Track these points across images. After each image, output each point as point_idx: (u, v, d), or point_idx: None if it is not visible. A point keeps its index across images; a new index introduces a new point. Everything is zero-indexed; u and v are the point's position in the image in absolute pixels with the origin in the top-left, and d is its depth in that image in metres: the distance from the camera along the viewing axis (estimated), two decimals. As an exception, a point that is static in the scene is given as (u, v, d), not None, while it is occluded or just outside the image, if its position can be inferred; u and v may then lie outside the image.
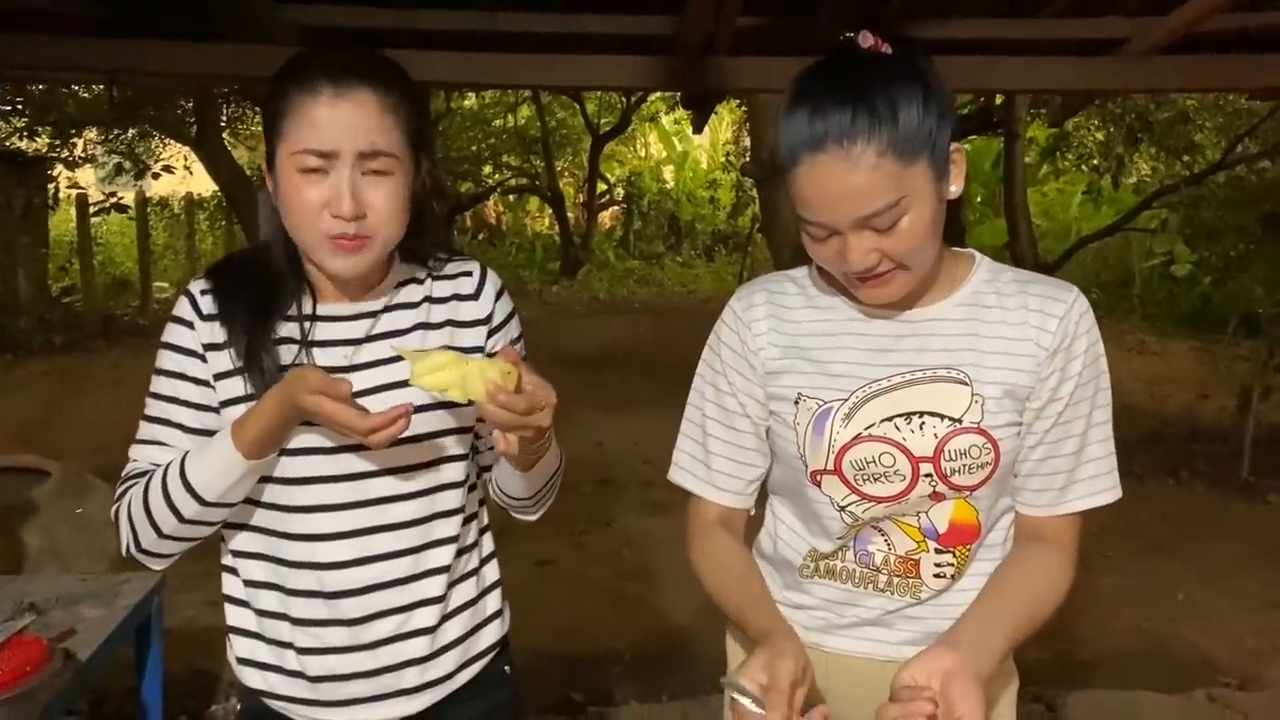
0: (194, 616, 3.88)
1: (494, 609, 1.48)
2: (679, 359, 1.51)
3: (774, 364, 1.32)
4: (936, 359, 1.27)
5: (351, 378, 1.26)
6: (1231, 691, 3.46)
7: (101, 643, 2.05)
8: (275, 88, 1.25)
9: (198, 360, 1.30)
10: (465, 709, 1.42)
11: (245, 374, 1.28)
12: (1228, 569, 4.65)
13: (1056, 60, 2.73)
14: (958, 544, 1.31)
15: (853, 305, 1.32)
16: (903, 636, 1.35)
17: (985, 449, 1.26)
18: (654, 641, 3.82)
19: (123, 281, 13.03)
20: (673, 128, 18.02)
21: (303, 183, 1.22)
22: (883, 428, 1.26)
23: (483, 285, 1.41)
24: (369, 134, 1.22)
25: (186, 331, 1.30)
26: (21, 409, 7.36)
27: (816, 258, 1.24)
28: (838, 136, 1.12)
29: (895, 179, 1.13)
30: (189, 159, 10.88)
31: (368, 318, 1.34)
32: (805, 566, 1.37)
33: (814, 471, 1.29)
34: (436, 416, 1.33)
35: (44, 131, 9.49)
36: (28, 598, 2.19)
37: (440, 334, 1.36)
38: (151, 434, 1.33)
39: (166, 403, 1.31)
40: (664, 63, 2.64)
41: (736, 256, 16.66)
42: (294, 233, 1.27)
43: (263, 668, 1.37)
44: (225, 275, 1.34)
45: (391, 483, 1.32)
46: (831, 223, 1.16)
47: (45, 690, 1.78)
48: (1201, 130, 10.06)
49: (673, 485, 1.44)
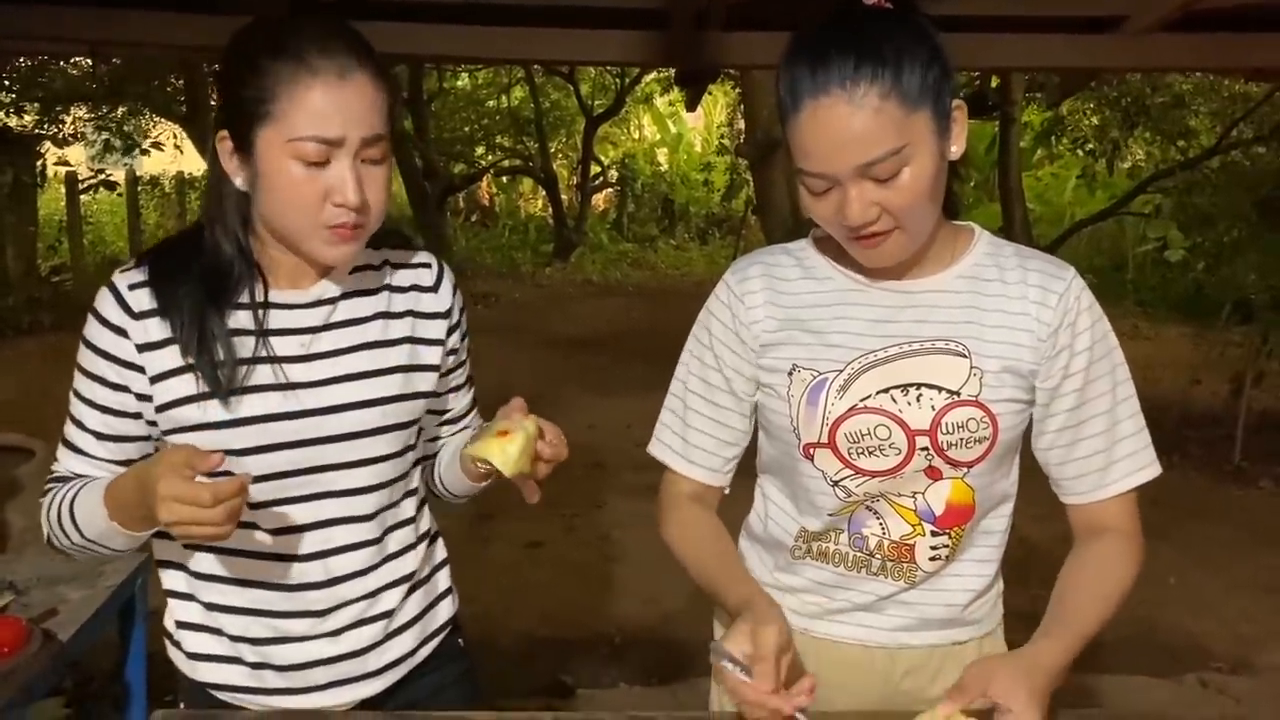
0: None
1: (445, 586, 1.47)
2: (672, 342, 1.49)
3: (769, 336, 1.30)
4: (935, 330, 1.25)
5: (308, 368, 1.24)
6: (1223, 676, 3.46)
7: (83, 623, 2.02)
8: (248, 61, 1.15)
9: (119, 366, 1.22)
10: (423, 683, 1.40)
11: (195, 370, 1.20)
12: (1220, 554, 4.65)
13: (1054, 38, 2.69)
14: (953, 525, 1.29)
15: (851, 276, 1.29)
16: (894, 623, 1.33)
17: (983, 423, 1.23)
18: (644, 624, 3.81)
19: (113, 261, 12.91)
20: (667, 110, 17.96)
21: (302, 173, 1.14)
22: (879, 399, 1.24)
23: (441, 278, 1.38)
24: (371, 118, 1.17)
25: (111, 336, 1.21)
26: (10, 388, 7.32)
27: (815, 215, 1.21)
28: (840, 80, 1.10)
29: (898, 126, 1.11)
30: (179, 137, 10.80)
31: (326, 304, 1.28)
32: (796, 547, 1.35)
33: (807, 445, 1.26)
34: (400, 408, 1.30)
35: (31, 108, 9.40)
36: (8, 577, 2.16)
37: (402, 323, 1.33)
38: (69, 436, 1.27)
39: (81, 404, 1.25)
40: (657, 37, 2.59)
41: (730, 239, 16.63)
42: (282, 220, 1.19)
43: (216, 660, 1.33)
44: (161, 265, 1.24)
45: (353, 475, 1.28)
46: (833, 172, 1.14)
47: (24, 671, 1.76)
48: (1197, 115, 10.05)
49: (660, 466, 1.42)
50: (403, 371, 1.30)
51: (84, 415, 1.25)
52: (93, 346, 1.22)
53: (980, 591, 1.35)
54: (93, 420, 1.25)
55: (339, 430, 1.25)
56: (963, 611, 1.34)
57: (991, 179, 12.51)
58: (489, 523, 4.51)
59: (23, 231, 10.62)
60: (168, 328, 1.21)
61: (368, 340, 1.29)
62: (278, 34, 1.16)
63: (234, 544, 1.26)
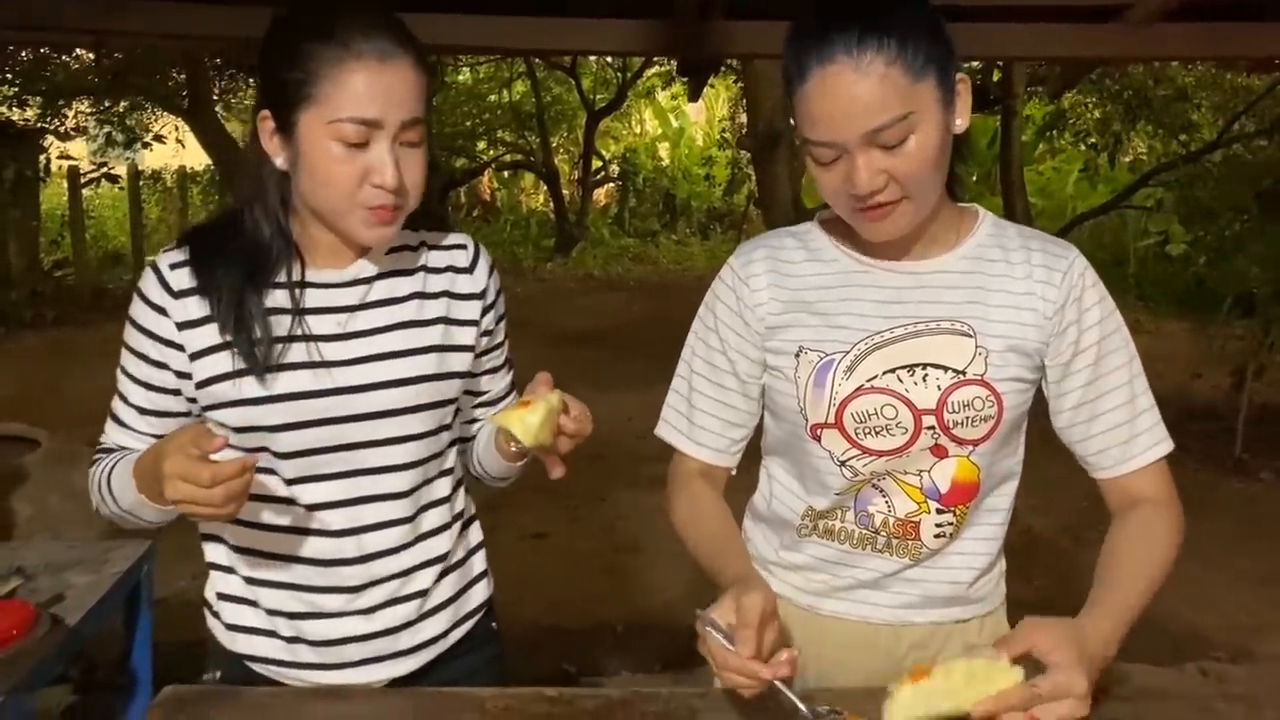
0: (185, 588, 3.87)
1: (480, 569, 1.48)
2: (673, 336, 1.50)
3: (775, 319, 1.30)
4: (940, 311, 1.26)
5: (343, 346, 1.26)
6: (1223, 665, 3.47)
7: (90, 608, 2.04)
8: (291, 44, 1.18)
9: (160, 344, 1.25)
10: (455, 666, 1.41)
11: (233, 348, 1.23)
12: (1221, 546, 4.66)
13: (1057, 27, 2.70)
14: (958, 503, 1.30)
15: (856, 258, 1.31)
16: (899, 600, 1.34)
17: (989, 401, 1.24)
18: (646, 613, 3.82)
19: (115, 255, 12.95)
20: (668, 104, 17.93)
21: (342, 153, 1.17)
22: (885, 379, 1.24)
23: (477, 259, 1.39)
24: (411, 101, 1.19)
25: (152, 314, 1.25)
26: (12, 382, 7.33)
27: (822, 188, 1.22)
28: (847, 47, 1.12)
29: (904, 92, 1.13)
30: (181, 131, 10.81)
31: (362, 284, 1.30)
32: (803, 526, 1.36)
33: (814, 425, 1.27)
34: (433, 388, 1.31)
35: (33, 102, 9.40)
36: (16, 563, 2.17)
37: (437, 304, 1.34)
38: (114, 409, 1.32)
39: (126, 380, 1.30)
40: (660, 26, 2.60)
41: (732, 234, 16.62)
42: (323, 205, 1.22)
43: (252, 632, 1.36)
44: (201, 246, 1.27)
45: (388, 453, 1.30)
46: (841, 139, 1.15)
47: (32, 654, 1.77)
48: (1199, 108, 10.04)
49: (666, 460, 1.43)
50: (436, 351, 1.32)
51: (128, 391, 1.30)
52: (136, 324, 1.26)
53: (984, 569, 1.36)
54: (136, 395, 1.29)
55: (372, 408, 1.27)
56: (967, 589, 1.35)
57: (993, 173, 12.50)
58: (493, 513, 4.52)
59: (25, 226, 10.62)
60: (207, 306, 1.24)
61: (402, 320, 1.31)
62: (321, 18, 1.18)
63: (270, 519, 1.29)
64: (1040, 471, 1.39)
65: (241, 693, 1.30)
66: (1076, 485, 5.41)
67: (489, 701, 1.25)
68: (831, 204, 1.24)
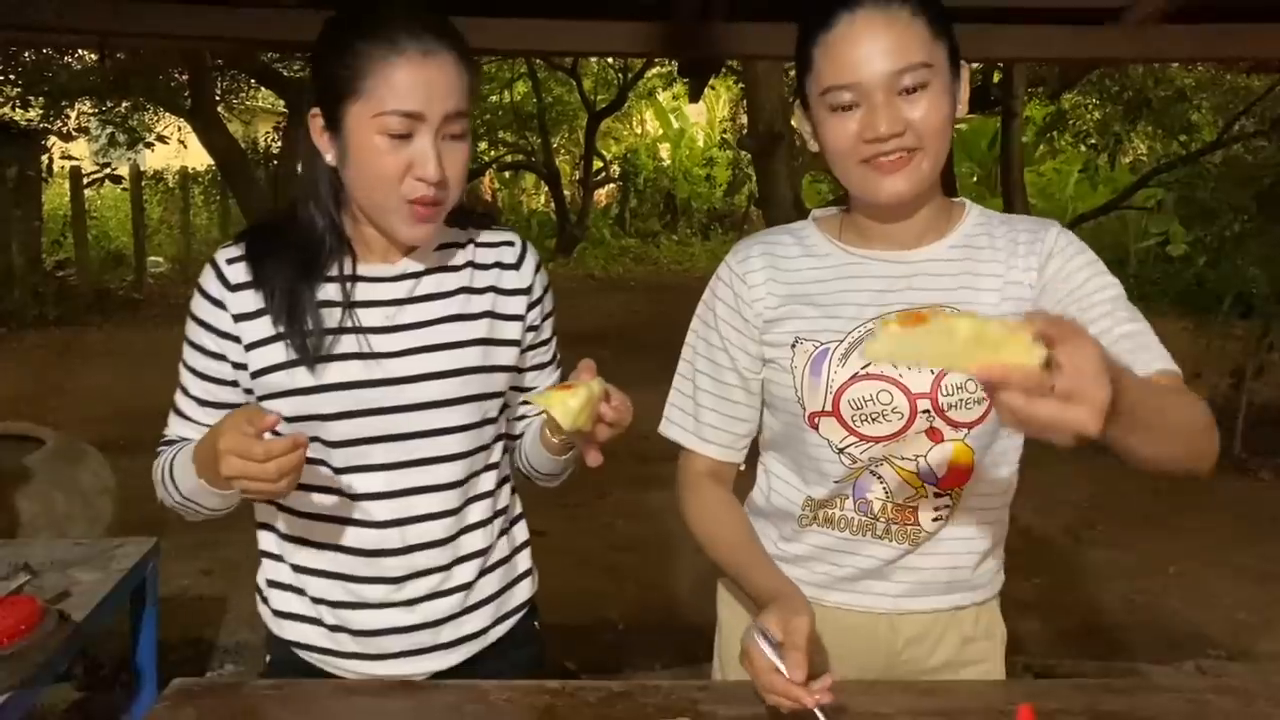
0: (188, 586, 3.89)
1: (524, 567, 1.49)
2: (674, 336, 1.52)
3: (772, 313, 1.33)
4: (933, 298, 1.29)
5: (391, 338, 1.29)
6: (1221, 663, 3.48)
7: (95, 605, 2.05)
8: (341, 43, 1.22)
9: (217, 336, 1.29)
10: (496, 664, 1.43)
11: (287, 339, 1.27)
12: (1220, 543, 4.67)
13: (1056, 29, 2.72)
14: (954, 485, 1.32)
15: (849, 250, 1.34)
16: (900, 589, 1.36)
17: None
18: (646, 611, 3.84)
19: (117, 255, 12.97)
20: (669, 105, 17.94)
21: (386, 146, 1.20)
22: (879, 365, 1.26)
23: (524, 256, 1.42)
24: (453, 95, 1.22)
25: (210, 307, 1.29)
26: (15, 382, 7.35)
27: (834, 141, 1.24)
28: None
29: (925, 44, 1.19)
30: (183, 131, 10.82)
31: (410, 279, 1.34)
32: (803, 516, 1.37)
33: (812, 414, 1.29)
34: (478, 380, 1.34)
35: (36, 103, 9.42)
36: (23, 559, 2.19)
37: (483, 298, 1.37)
38: (176, 402, 1.36)
39: (187, 373, 1.34)
40: (662, 28, 2.62)
41: (732, 234, 16.63)
42: (366, 195, 1.25)
43: (298, 619, 1.39)
44: (257, 240, 1.32)
45: (434, 444, 1.32)
46: (865, 79, 1.18)
47: (39, 650, 1.78)
48: (1198, 109, 10.05)
49: (667, 458, 1.45)
50: (482, 344, 1.35)
51: (188, 383, 1.34)
52: (195, 318, 1.31)
53: (984, 554, 1.37)
54: (196, 387, 1.33)
55: (419, 399, 1.30)
56: (970, 574, 1.37)
57: (993, 173, 12.52)
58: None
59: (27, 226, 10.64)
60: (261, 299, 1.28)
61: (450, 314, 1.34)
62: (368, 17, 1.23)
63: (318, 508, 1.32)
64: (1040, 471, 1.40)
65: (247, 685, 1.32)
66: (1076, 485, 5.49)
67: (492, 693, 1.27)
68: (841, 163, 1.26)
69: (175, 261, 13.45)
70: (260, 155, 13.15)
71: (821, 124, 1.25)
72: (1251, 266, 6.42)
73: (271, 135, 13.75)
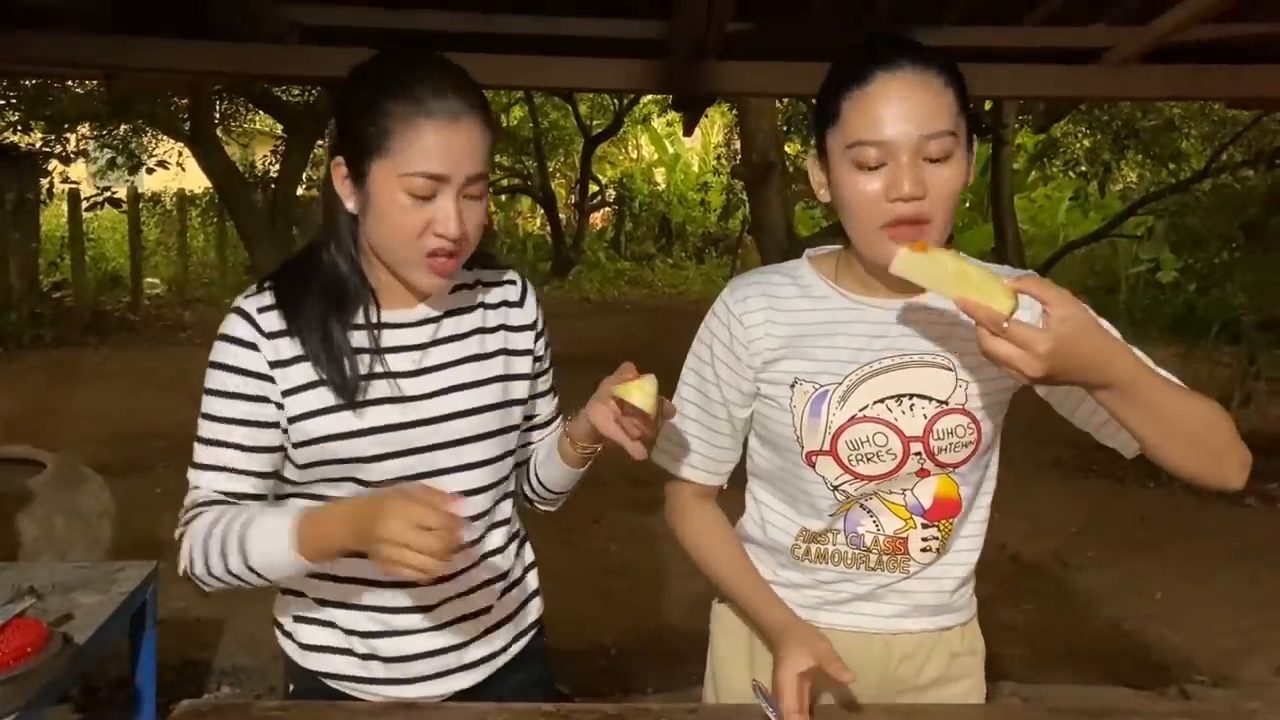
0: (185, 608, 3.91)
1: (534, 586, 1.56)
2: (669, 360, 1.57)
3: (771, 354, 1.38)
4: (923, 345, 1.35)
5: (419, 381, 1.34)
6: (1206, 688, 3.52)
7: (98, 628, 2.08)
8: (368, 99, 1.24)
9: (256, 379, 1.29)
10: (511, 681, 1.48)
11: (325, 385, 1.30)
12: (1206, 569, 4.71)
13: (1040, 68, 2.79)
14: (942, 518, 1.38)
15: (846, 294, 1.38)
16: (893, 610, 1.42)
17: (969, 428, 1.33)
18: (638, 636, 3.87)
19: (114, 277, 12.99)
20: (664, 130, 18.05)
21: (410, 204, 1.23)
22: (876, 409, 1.33)
23: (525, 292, 1.49)
24: (477, 159, 1.25)
25: (245, 352, 1.29)
26: (11, 403, 7.36)
27: (855, 198, 1.26)
28: (913, 62, 1.22)
29: (951, 114, 1.24)
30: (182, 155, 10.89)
31: (431, 323, 1.38)
32: (797, 547, 1.43)
33: (809, 453, 1.35)
34: (500, 415, 1.40)
35: (37, 126, 9.47)
36: (27, 583, 2.22)
37: (496, 337, 1.43)
38: (212, 458, 1.31)
39: (223, 424, 1.30)
40: (656, 66, 2.68)
41: (727, 258, 16.71)
42: (387, 249, 1.28)
43: (328, 651, 1.42)
44: (285, 288, 1.33)
45: (462, 478, 1.37)
46: (897, 138, 1.22)
47: (45, 671, 1.82)
48: (1187, 138, 10.16)
49: (659, 483, 1.51)
50: (500, 381, 1.41)
51: (227, 434, 1.30)
52: (227, 367, 1.30)
53: (965, 579, 1.45)
54: (238, 435, 1.30)
55: (449, 437, 1.35)
56: (950, 598, 1.44)
57: (985, 201, 12.61)
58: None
59: (25, 248, 10.68)
60: (297, 345, 1.30)
61: (469, 354, 1.39)
62: (399, 75, 1.25)
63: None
64: (1029, 498, 1.47)
65: (255, 706, 1.36)
66: (1066, 512, 5.52)
67: (490, 715, 1.32)
68: (857, 222, 1.28)
69: (172, 283, 13.49)
70: (258, 178, 13.21)
71: (843, 179, 1.27)
72: (1240, 294, 6.50)
73: (269, 158, 13.81)
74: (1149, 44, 2.56)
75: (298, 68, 2.70)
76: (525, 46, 2.62)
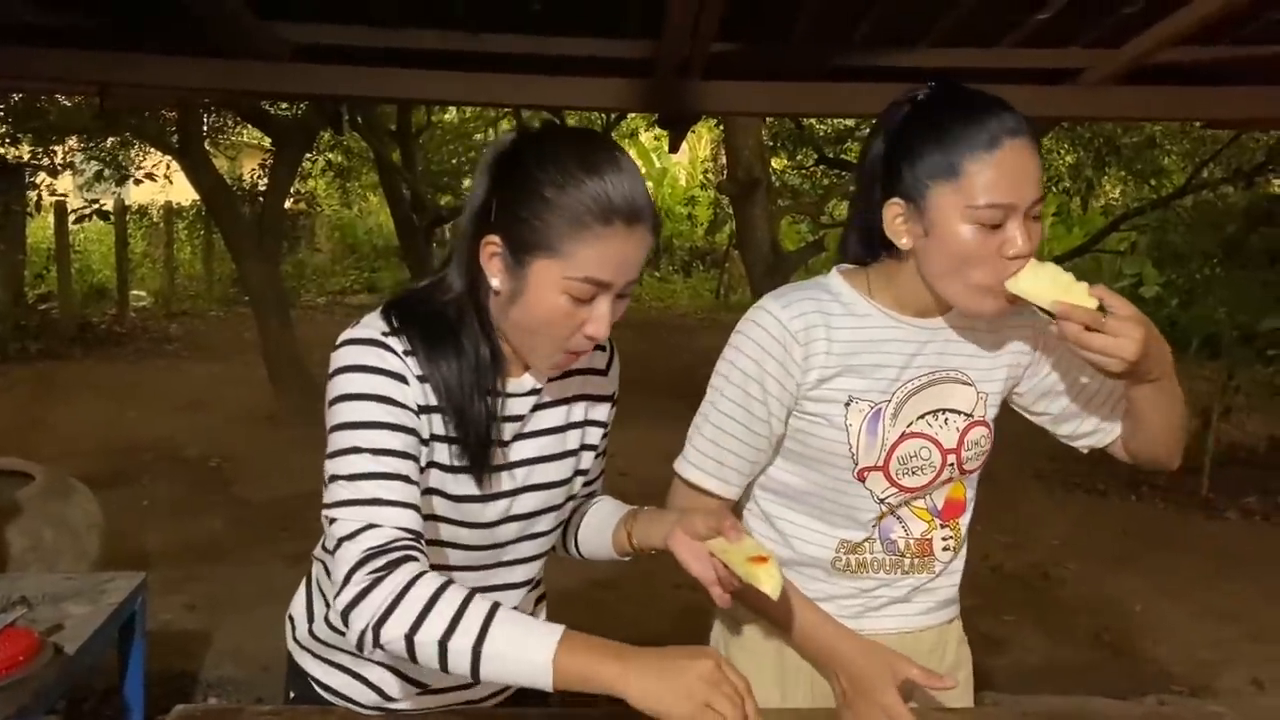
0: (171, 620, 3.93)
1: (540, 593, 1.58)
2: (656, 373, 1.60)
3: (825, 371, 1.39)
4: (950, 362, 1.43)
5: (517, 449, 1.33)
6: (1183, 699, 3.57)
7: (88, 638, 2.11)
8: (533, 188, 1.17)
9: (413, 414, 1.22)
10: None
11: (457, 444, 1.26)
12: (1186, 582, 4.78)
13: (1018, 88, 2.83)
14: (953, 517, 1.49)
15: (886, 313, 1.42)
16: (919, 608, 1.52)
17: (987, 438, 1.46)
18: (627, 648, 3.88)
19: (100, 289, 12.97)
20: (652, 145, 18.11)
21: (568, 306, 1.19)
22: (919, 424, 1.41)
23: (612, 360, 1.46)
24: (639, 267, 1.22)
25: (402, 387, 1.21)
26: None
27: (973, 254, 1.30)
28: (1024, 130, 1.29)
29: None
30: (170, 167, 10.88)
31: (534, 393, 1.34)
32: (838, 559, 1.48)
33: (863, 469, 1.41)
34: (566, 490, 1.39)
35: (25, 139, 9.46)
36: (18, 593, 2.24)
37: (579, 407, 1.40)
38: (378, 492, 1.17)
39: (387, 458, 1.18)
40: (641, 85, 2.72)
41: (714, 272, 16.80)
42: (531, 336, 1.23)
43: (336, 668, 1.42)
44: (427, 339, 1.25)
45: (522, 548, 1.38)
46: (1019, 203, 1.28)
47: (38, 680, 1.85)
48: (1168, 155, 10.26)
49: (646, 496, 1.52)
50: (574, 455, 1.40)
51: (393, 466, 1.19)
52: (383, 399, 1.20)
53: (962, 571, 1.56)
54: (405, 467, 1.20)
55: (523, 510, 1.35)
56: (955, 590, 1.55)
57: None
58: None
59: (11, 259, 10.66)
60: (435, 397, 1.24)
61: (556, 424, 1.37)
62: (607, 178, 1.17)
63: None
64: (1012, 511, 1.55)
65: (247, 711, 1.39)
66: (1047, 524, 5.57)
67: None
68: (963, 271, 1.31)
69: (158, 296, 13.47)
70: (245, 191, 13.20)
71: (956, 232, 1.29)
72: (1220, 309, 6.57)
73: (257, 171, 13.80)
74: (1124, 66, 2.62)
75: (290, 85, 2.73)
76: (514, 65, 2.66)
